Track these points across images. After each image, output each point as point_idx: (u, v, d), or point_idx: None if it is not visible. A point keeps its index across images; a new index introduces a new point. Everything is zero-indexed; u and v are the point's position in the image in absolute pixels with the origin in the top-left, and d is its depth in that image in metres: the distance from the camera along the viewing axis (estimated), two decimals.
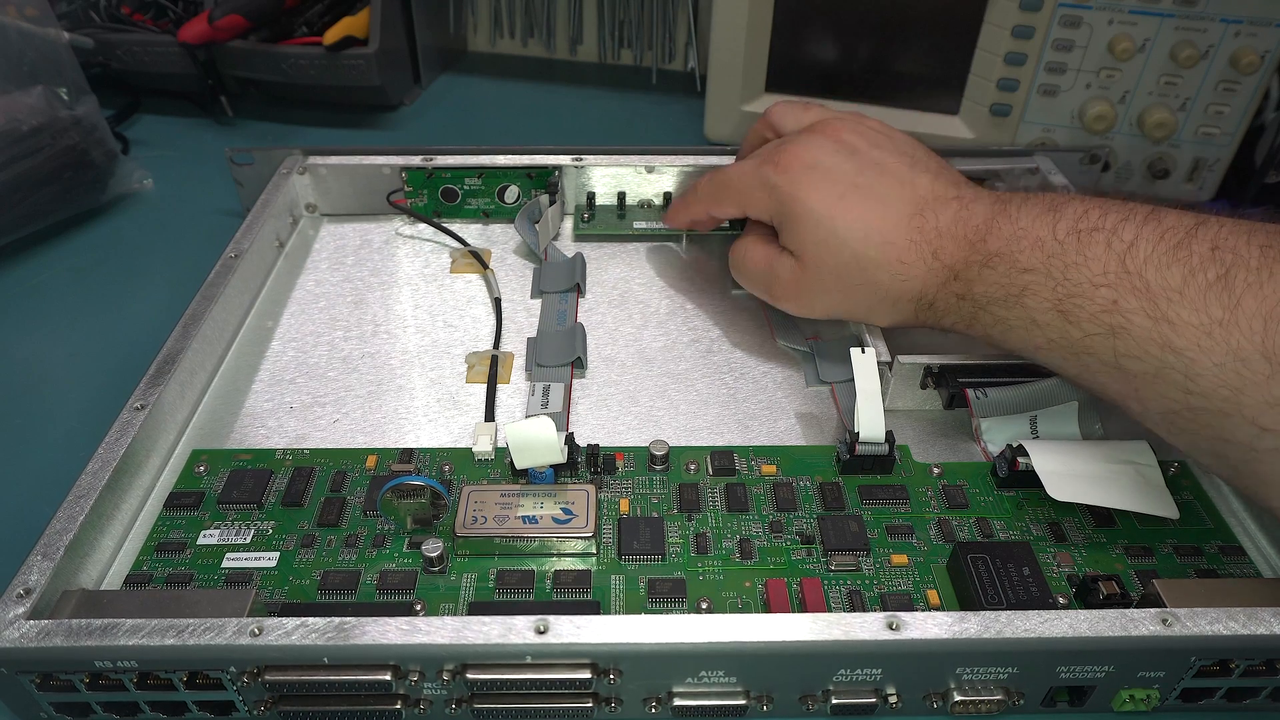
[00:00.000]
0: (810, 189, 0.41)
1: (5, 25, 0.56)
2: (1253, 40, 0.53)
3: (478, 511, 0.36)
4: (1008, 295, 0.36)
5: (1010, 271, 0.36)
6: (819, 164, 0.41)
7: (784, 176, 0.42)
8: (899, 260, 0.39)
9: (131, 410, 0.38)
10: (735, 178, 0.45)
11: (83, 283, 0.55)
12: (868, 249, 0.39)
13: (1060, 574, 0.35)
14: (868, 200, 0.40)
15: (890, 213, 0.40)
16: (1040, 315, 0.35)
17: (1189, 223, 0.33)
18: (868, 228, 0.40)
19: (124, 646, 0.29)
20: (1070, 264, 0.34)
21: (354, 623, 0.29)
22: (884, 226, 0.39)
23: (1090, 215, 0.35)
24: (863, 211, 0.40)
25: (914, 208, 0.40)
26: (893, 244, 0.39)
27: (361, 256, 0.54)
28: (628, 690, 0.31)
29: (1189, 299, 0.31)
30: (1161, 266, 0.32)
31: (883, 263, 0.39)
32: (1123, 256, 0.33)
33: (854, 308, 0.42)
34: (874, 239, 0.39)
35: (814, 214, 0.41)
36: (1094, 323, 0.33)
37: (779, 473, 0.40)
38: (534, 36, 0.85)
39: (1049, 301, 0.35)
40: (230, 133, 0.73)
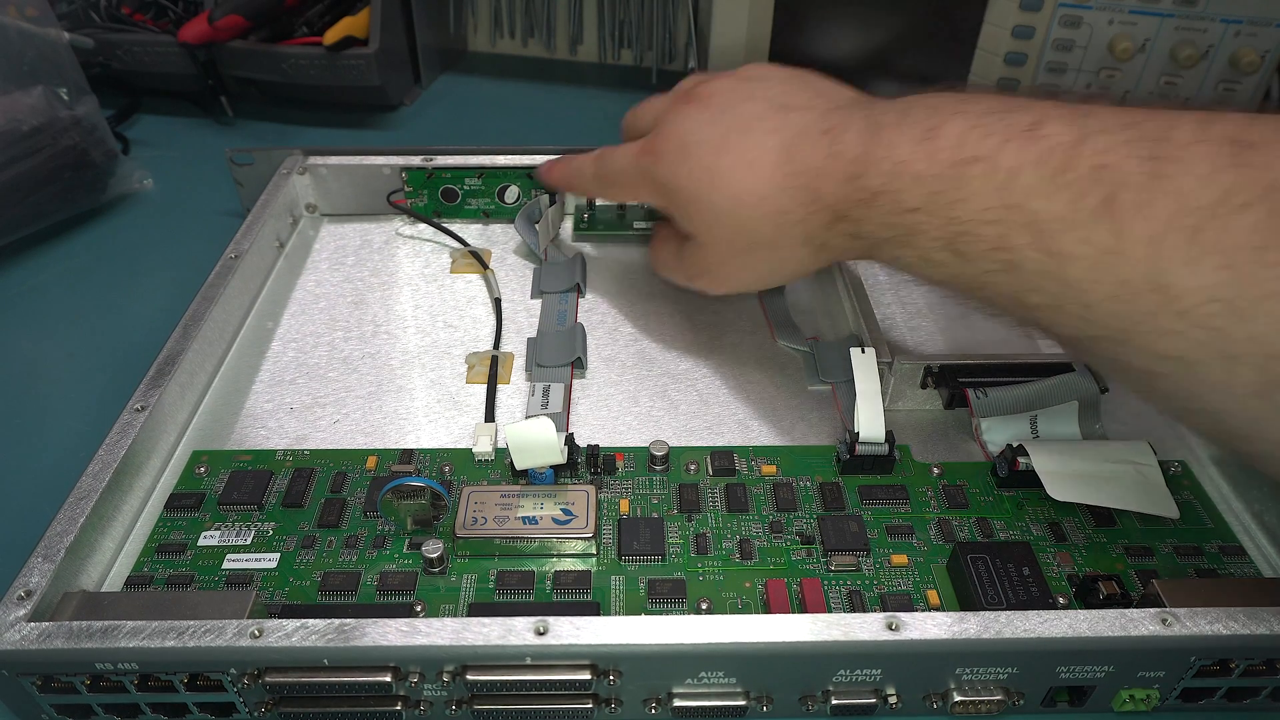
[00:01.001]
0: (683, 171, 0.41)
1: (5, 25, 0.56)
2: (1253, 40, 0.54)
3: (478, 512, 0.36)
4: (897, 235, 0.35)
5: (895, 211, 0.34)
6: (686, 139, 0.41)
7: (660, 164, 0.42)
8: (778, 211, 0.38)
9: (132, 411, 0.38)
10: (618, 172, 0.45)
11: (83, 283, 0.55)
12: (744, 211, 0.39)
13: (1060, 574, 0.35)
14: (735, 164, 0.39)
15: (758, 168, 0.39)
16: (934, 254, 0.34)
17: (1071, 137, 0.30)
18: (740, 191, 0.39)
19: (125, 648, 0.29)
20: (953, 200, 0.32)
21: (354, 624, 0.29)
22: (755, 184, 0.39)
23: (969, 140, 0.32)
24: (732, 177, 0.39)
25: (781, 154, 0.38)
26: (766, 198, 0.38)
27: (361, 257, 0.54)
28: (628, 691, 0.31)
29: (1076, 228, 0.29)
30: (1045, 194, 0.30)
31: (762, 219, 0.39)
32: (1005, 187, 0.31)
33: (763, 270, 0.42)
34: (747, 200, 0.39)
35: (692, 195, 0.41)
36: (988, 259, 0.32)
37: (779, 473, 0.40)
38: (534, 36, 0.85)
39: (940, 240, 0.33)
40: (230, 133, 0.73)
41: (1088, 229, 0.29)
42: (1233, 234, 0.26)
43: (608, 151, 0.47)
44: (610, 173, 0.46)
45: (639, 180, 0.44)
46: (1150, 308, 0.28)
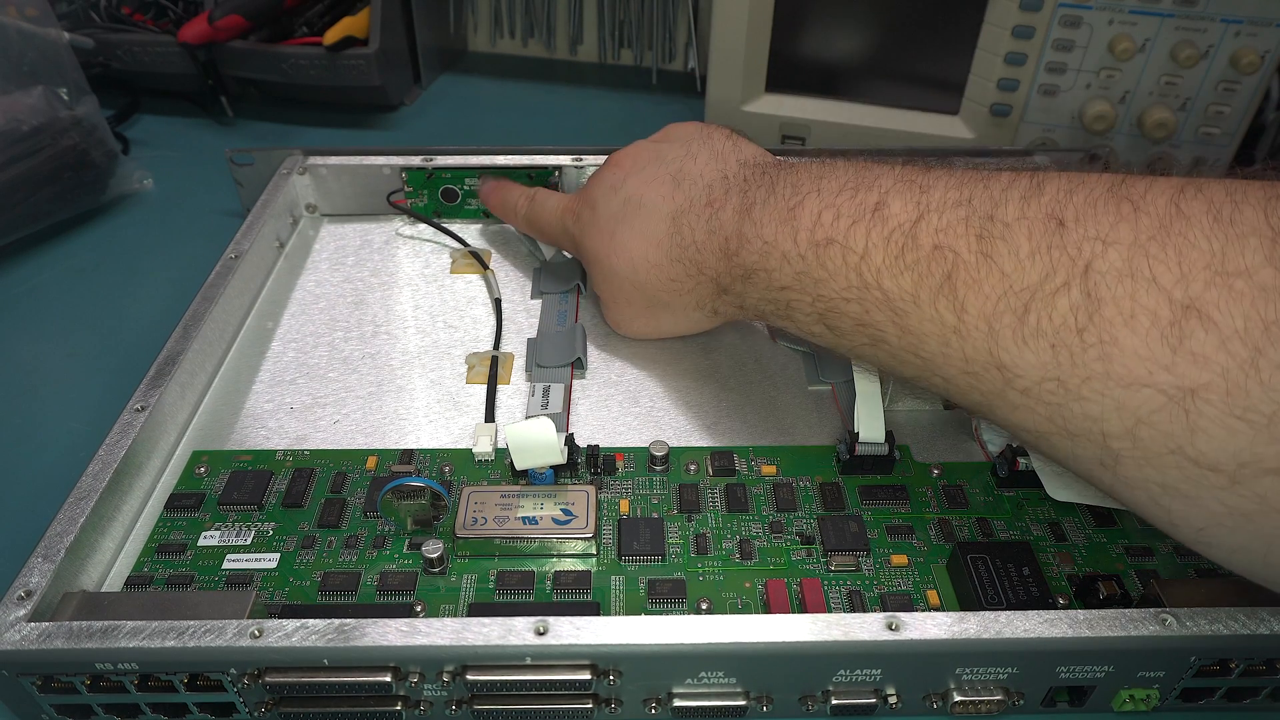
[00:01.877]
0: (590, 234, 0.44)
1: (5, 25, 0.56)
2: (1253, 40, 0.53)
3: (478, 512, 0.36)
4: (776, 309, 0.37)
5: (770, 288, 0.36)
6: (595, 204, 0.44)
7: (576, 224, 0.46)
8: (669, 279, 0.41)
9: (132, 412, 0.38)
10: (544, 222, 0.49)
11: (83, 283, 0.55)
12: (639, 276, 0.42)
13: (1060, 574, 0.35)
14: (630, 233, 0.42)
15: (650, 238, 0.41)
16: (810, 326, 0.36)
17: (911, 216, 0.31)
18: (634, 259, 0.42)
19: (125, 648, 0.29)
20: (817, 279, 0.34)
21: (354, 624, 0.29)
22: (647, 252, 0.41)
23: (824, 221, 0.34)
24: (628, 245, 0.42)
25: (670, 224, 0.41)
26: (658, 265, 0.41)
27: (362, 257, 0.54)
28: (628, 691, 0.31)
29: (923, 306, 0.30)
30: (894, 274, 0.31)
31: (657, 284, 0.42)
32: (858, 268, 0.32)
33: (664, 325, 0.45)
34: (641, 267, 0.42)
35: (595, 257, 0.44)
36: (856, 334, 0.33)
37: (779, 473, 0.40)
38: (534, 36, 0.85)
39: (812, 315, 0.35)
40: (230, 133, 0.73)
41: (933, 307, 0.30)
42: (1056, 315, 0.27)
43: (540, 196, 0.50)
44: (536, 219, 0.50)
45: (559, 233, 0.48)
46: (997, 384, 0.29)
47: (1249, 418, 0.24)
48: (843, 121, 0.65)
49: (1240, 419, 0.24)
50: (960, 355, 0.30)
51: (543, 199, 0.50)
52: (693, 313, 0.42)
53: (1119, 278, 0.26)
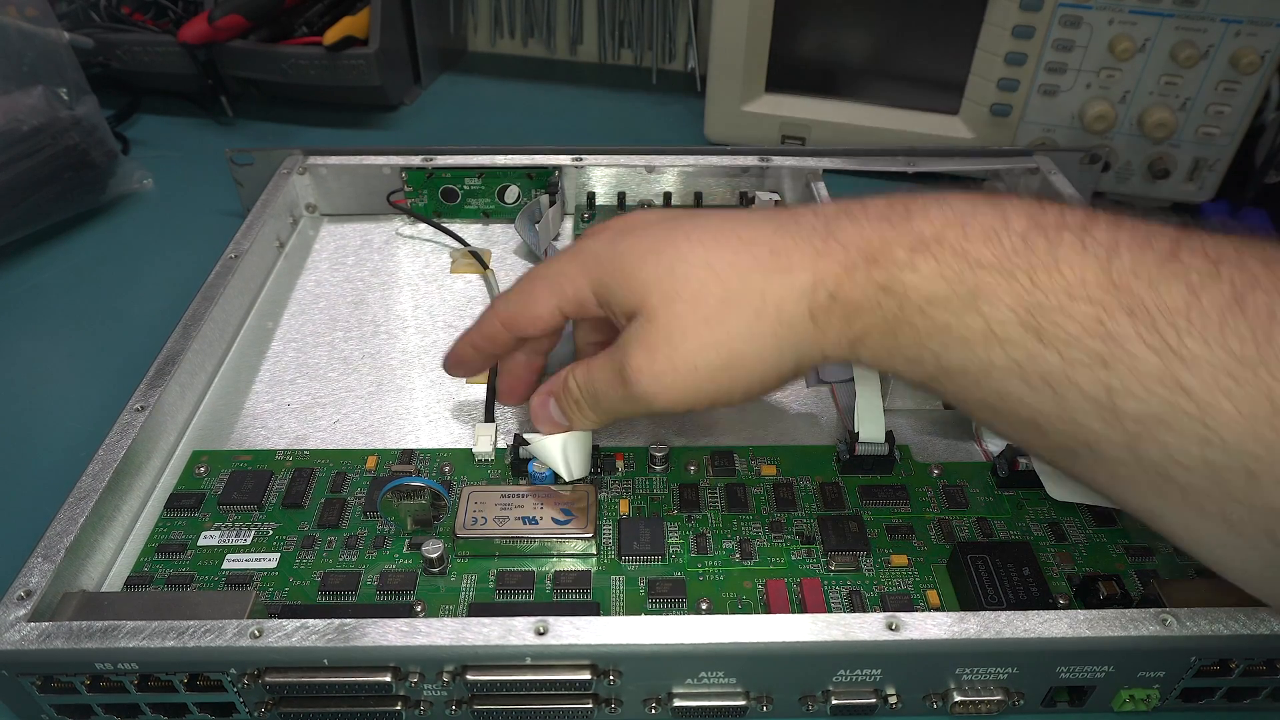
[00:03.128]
0: (633, 234, 0.33)
1: (5, 25, 0.56)
2: (1253, 40, 0.54)
3: (478, 512, 0.36)
4: (953, 293, 0.27)
5: (957, 262, 0.27)
6: (633, 220, 0.35)
7: (598, 239, 0.34)
8: (771, 252, 0.30)
9: (132, 411, 0.38)
10: (542, 268, 0.36)
11: (83, 283, 0.55)
12: (724, 254, 0.31)
13: (1060, 574, 0.35)
14: (709, 219, 0.33)
15: (742, 218, 0.32)
16: (1002, 328, 0.27)
17: (1170, 229, 0.26)
18: (719, 234, 0.31)
19: (125, 648, 0.29)
20: (1038, 264, 0.26)
21: (354, 624, 0.29)
22: (739, 228, 0.31)
23: (1048, 210, 0.28)
24: (706, 225, 0.32)
25: (774, 220, 0.31)
26: (757, 240, 0.31)
27: (361, 257, 0.54)
28: (628, 691, 0.31)
29: (1198, 326, 0.24)
30: (1155, 281, 0.25)
31: (749, 263, 0.30)
32: (1105, 263, 0.26)
33: (730, 344, 0.30)
34: (729, 242, 0.31)
35: (648, 248, 0.32)
36: (1077, 347, 0.26)
37: (779, 473, 0.40)
38: (534, 36, 0.85)
39: (1013, 311, 0.26)
40: (230, 133, 0.73)
41: (1216, 328, 0.24)
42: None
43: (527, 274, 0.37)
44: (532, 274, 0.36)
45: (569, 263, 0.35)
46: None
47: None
48: (843, 121, 0.65)
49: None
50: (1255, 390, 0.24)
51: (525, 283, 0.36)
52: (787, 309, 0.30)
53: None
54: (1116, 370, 0.25)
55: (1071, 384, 0.26)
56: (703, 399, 0.31)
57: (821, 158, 0.56)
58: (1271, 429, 0.23)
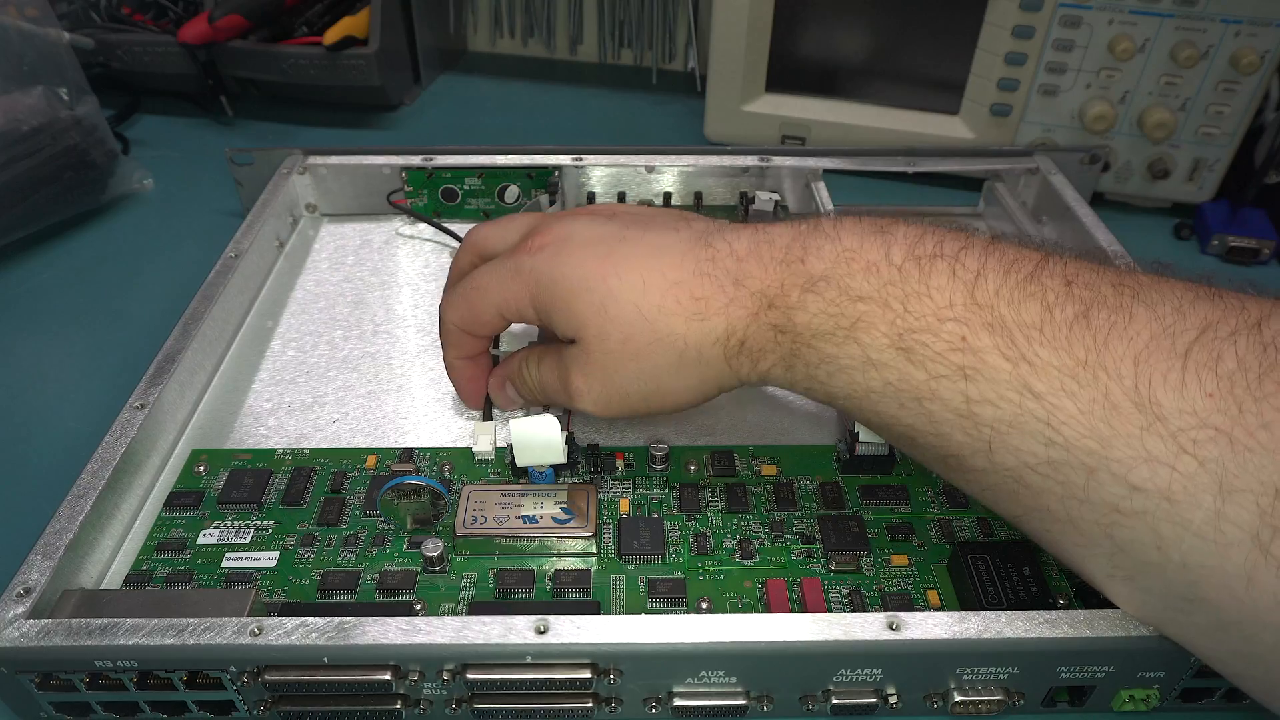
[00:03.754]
0: (570, 258, 0.35)
1: (5, 25, 0.56)
2: (1253, 40, 0.54)
3: (478, 511, 0.36)
4: (837, 328, 0.31)
5: (840, 299, 0.30)
6: (573, 235, 0.36)
7: (538, 256, 0.36)
8: (691, 298, 0.33)
9: (131, 410, 0.38)
10: (483, 277, 0.38)
11: (83, 282, 0.55)
12: (651, 297, 0.33)
13: (1060, 574, 0.35)
14: (638, 249, 0.34)
15: (669, 252, 0.34)
16: (877, 353, 0.30)
17: (1034, 255, 0.29)
18: (646, 274, 0.34)
19: (124, 646, 0.29)
20: (911, 293, 0.29)
21: (354, 622, 0.29)
22: (665, 267, 0.34)
23: (926, 241, 0.31)
24: (635, 261, 0.34)
25: (696, 240, 0.34)
26: (680, 283, 0.33)
27: (361, 256, 0.54)
28: (628, 690, 0.31)
29: (1049, 337, 0.27)
30: (1015, 301, 0.28)
31: (673, 308, 0.33)
32: (971, 287, 0.29)
33: (657, 377, 0.34)
34: (656, 283, 0.33)
35: (581, 281, 0.34)
36: (941, 362, 0.29)
37: (779, 473, 0.40)
38: (534, 36, 0.85)
39: (887, 337, 0.30)
40: (230, 133, 0.73)
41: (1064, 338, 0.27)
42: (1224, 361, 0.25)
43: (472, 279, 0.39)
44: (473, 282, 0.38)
45: (509, 277, 0.36)
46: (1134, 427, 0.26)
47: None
48: (843, 121, 0.65)
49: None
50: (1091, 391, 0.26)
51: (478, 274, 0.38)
52: (705, 352, 0.33)
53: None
54: (976, 381, 0.28)
55: (936, 397, 0.29)
56: (637, 414, 0.36)
57: (821, 158, 0.56)
58: (1107, 424, 0.26)
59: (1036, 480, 0.28)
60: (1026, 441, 0.27)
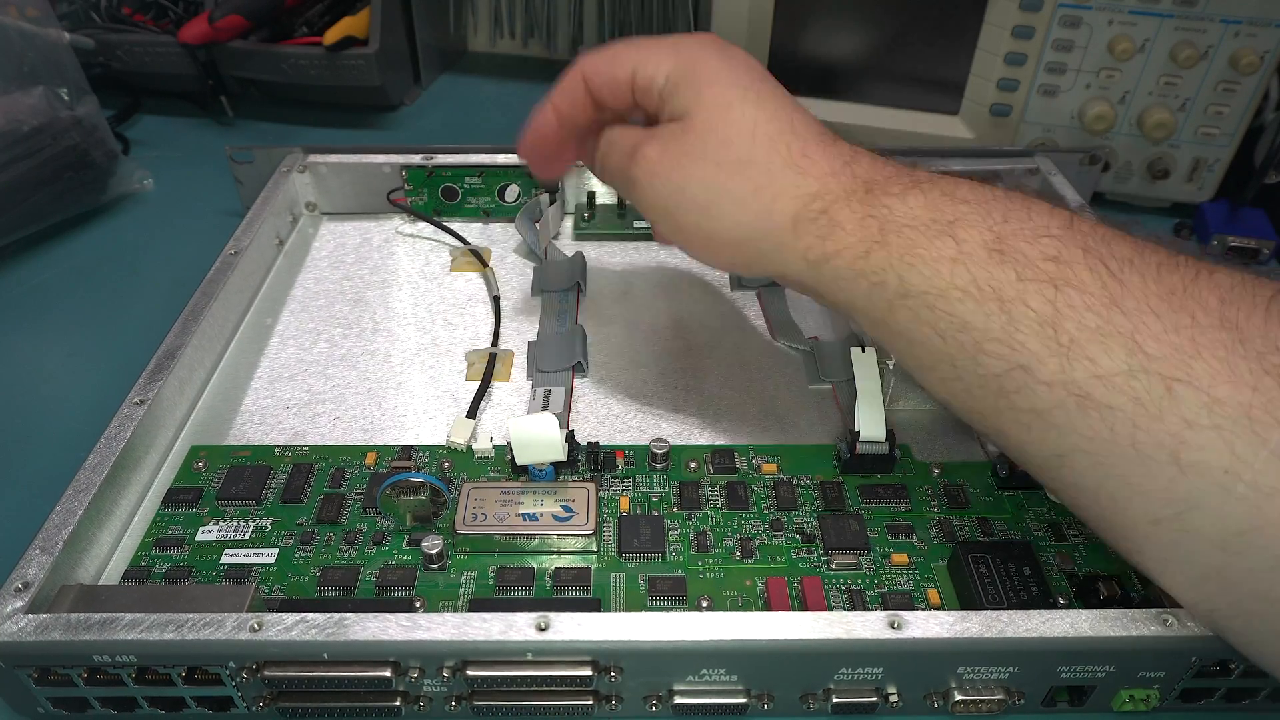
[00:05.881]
0: (729, 59, 0.36)
1: (6, 25, 0.56)
2: (1253, 40, 0.54)
3: (478, 509, 0.36)
4: (934, 221, 0.31)
5: (942, 200, 0.31)
6: (734, 53, 0.37)
7: (699, 40, 0.37)
8: (803, 153, 0.34)
9: (130, 405, 0.38)
10: (634, 40, 0.38)
11: (83, 282, 0.55)
12: (772, 126, 0.34)
13: (1060, 574, 0.35)
14: (784, 96, 0.36)
15: (804, 113, 0.35)
16: (971, 249, 0.30)
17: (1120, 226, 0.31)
18: (779, 110, 0.35)
19: (122, 641, 0.29)
20: (1013, 209, 0.31)
21: (354, 619, 0.29)
22: (796, 117, 0.35)
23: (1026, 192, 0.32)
24: (777, 98, 0.35)
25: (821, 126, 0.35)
26: (802, 135, 0.34)
27: (361, 255, 0.54)
28: (628, 688, 0.31)
29: (1139, 269, 0.28)
30: (1108, 238, 0.29)
31: (784, 149, 0.34)
32: (1069, 219, 0.30)
33: (721, 197, 0.34)
34: (783, 122, 0.34)
35: (723, 76, 0.35)
36: (1033, 268, 0.29)
37: (779, 471, 0.40)
38: (534, 36, 0.85)
39: (983, 238, 0.30)
40: (230, 133, 0.73)
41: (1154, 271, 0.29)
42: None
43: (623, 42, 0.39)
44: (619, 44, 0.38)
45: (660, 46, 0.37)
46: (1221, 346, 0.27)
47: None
48: (843, 121, 0.65)
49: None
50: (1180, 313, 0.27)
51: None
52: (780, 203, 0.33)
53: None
54: (1064, 290, 0.28)
55: (1020, 301, 0.29)
56: (670, 219, 0.36)
57: None
58: (1192, 341, 0.27)
59: (1107, 395, 0.27)
60: (1108, 350, 0.27)
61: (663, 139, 0.35)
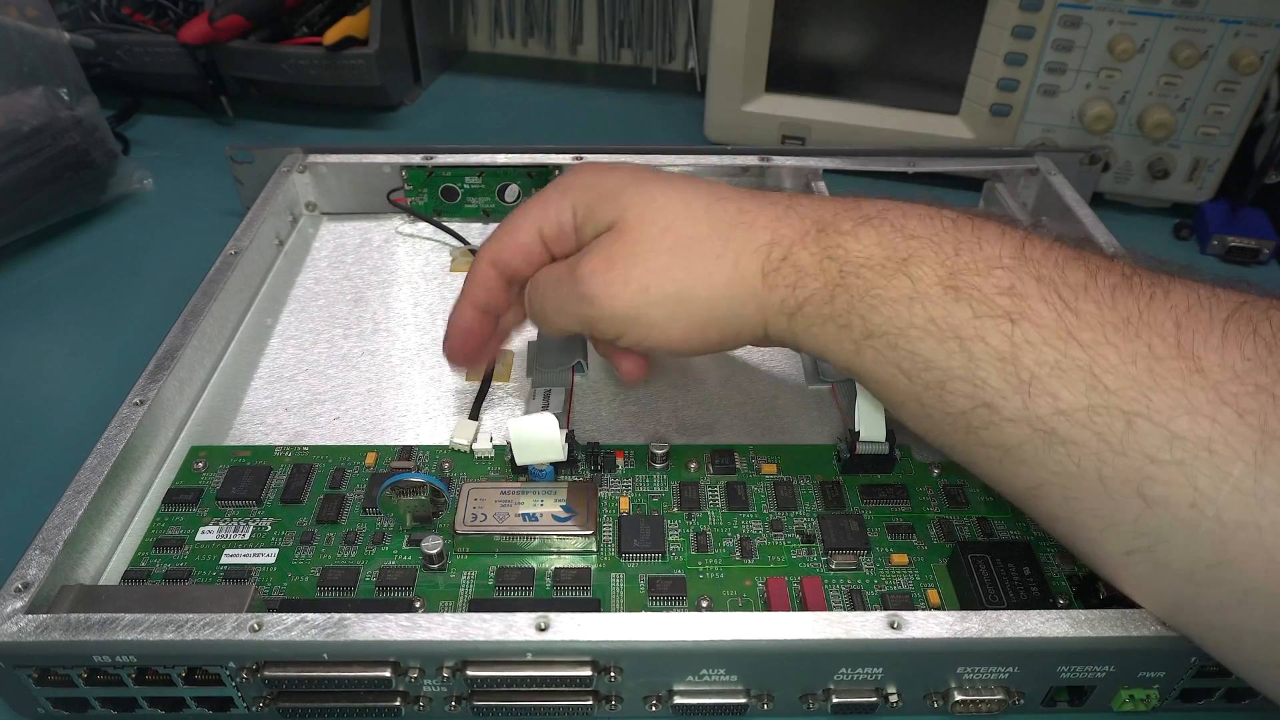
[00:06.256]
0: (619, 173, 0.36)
1: (6, 26, 0.56)
2: (1252, 40, 0.54)
3: (477, 509, 0.36)
4: (888, 259, 0.31)
5: (893, 235, 0.31)
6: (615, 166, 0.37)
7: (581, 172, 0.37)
8: (740, 210, 0.34)
9: (130, 406, 0.38)
10: (524, 203, 0.38)
11: (83, 282, 0.55)
12: (701, 198, 0.34)
13: (1060, 574, 0.35)
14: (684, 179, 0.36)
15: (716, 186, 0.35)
16: (925, 288, 0.30)
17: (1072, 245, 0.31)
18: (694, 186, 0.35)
19: (122, 641, 0.29)
20: (963, 241, 0.30)
21: (354, 619, 0.29)
22: (713, 187, 0.35)
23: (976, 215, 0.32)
24: (683, 182, 0.35)
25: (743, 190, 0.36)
26: (727, 198, 0.34)
27: (361, 255, 0.54)
28: (628, 688, 0.31)
29: (1093, 296, 0.28)
30: (1060, 263, 0.29)
31: (720, 210, 0.34)
32: (1020, 245, 0.30)
33: (684, 279, 0.33)
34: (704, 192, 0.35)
35: (630, 180, 0.35)
36: (988, 304, 0.29)
37: (779, 471, 0.40)
38: (534, 36, 0.85)
39: (937, 274, 0.30)
40: (230, 133, 0.73)
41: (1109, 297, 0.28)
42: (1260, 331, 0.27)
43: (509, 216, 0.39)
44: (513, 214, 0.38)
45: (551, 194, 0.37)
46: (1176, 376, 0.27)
47: None
48: (843, 121, 0.65)
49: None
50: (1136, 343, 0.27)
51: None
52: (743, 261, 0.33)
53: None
54: (1021, 325, 0.28)
55: (979, 338, 0.29)
56: (640, 323, 0.34)
57: (821, 158, 0.56)
58: (1149, 374, 0.26)
59: (1070, 430, 0.27)
60: (1068, 385, 0.27)
61: (597, 251, 0.34)
